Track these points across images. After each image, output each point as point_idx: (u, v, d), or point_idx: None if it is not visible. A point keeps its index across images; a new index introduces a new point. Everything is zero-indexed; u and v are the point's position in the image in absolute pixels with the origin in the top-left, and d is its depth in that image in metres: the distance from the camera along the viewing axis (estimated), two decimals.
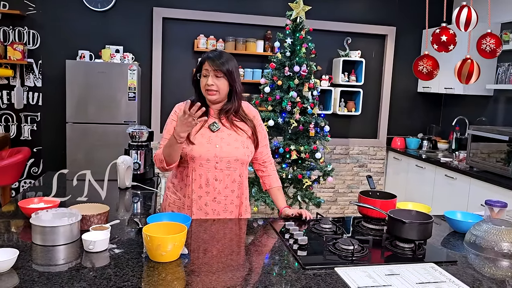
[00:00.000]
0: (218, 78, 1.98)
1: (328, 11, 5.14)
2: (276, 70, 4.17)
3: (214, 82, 1.97)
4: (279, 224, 1.98)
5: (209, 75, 1.97)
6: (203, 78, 2.00)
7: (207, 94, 2.01)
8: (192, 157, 2.00)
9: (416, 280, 1.43)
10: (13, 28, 4.54)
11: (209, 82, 1.97)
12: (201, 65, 2.01)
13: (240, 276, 1.41)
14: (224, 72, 1.97)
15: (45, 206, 1.87)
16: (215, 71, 1.97)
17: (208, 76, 1.98)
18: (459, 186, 4.17)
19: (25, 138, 4.71)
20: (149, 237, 1.45)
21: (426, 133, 5.62)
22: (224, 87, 2.00)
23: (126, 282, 1.32)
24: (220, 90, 1.99)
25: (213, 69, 1.97)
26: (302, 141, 4.17)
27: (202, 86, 2.01)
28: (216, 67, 1.96)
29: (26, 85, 4.64)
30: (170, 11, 4.78)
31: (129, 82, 4.38)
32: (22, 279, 1.31)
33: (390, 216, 1.74)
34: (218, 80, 1.98)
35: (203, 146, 1.99)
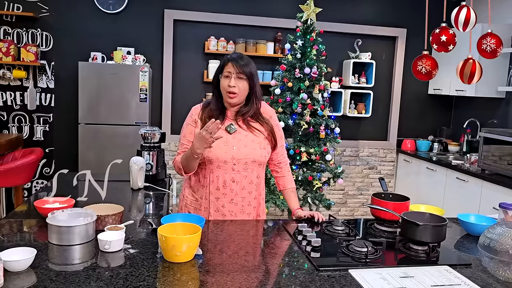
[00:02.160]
0: (240, 80, 1.99)
1: (338, 13, 5.13)
2: (286, 72, 4.18)
3: (236, 84, 1.98)
4: (291, 225, 1.98)
5: (232, 76, 1.98)
6: (224, 79, 2.01)
7: (228, 96, 2.01)
8: (209, 159, 2.01)
9: (431, 282, 1.43)
10: (27, 30, 4.60)
11: (232, 83, 1.98)
12: (223, 66, 2.01)
13: (254, 277, 1.42)
14: (246, 74, 1.99)
15: (60, 206, 1.89)
16: (238, 73, 1.98)
17: (231, 77, 1.98)
18: (470, 189, 4.14)
19: (37, 139, 4.76)
20: (164, 238, 1.46)
21: (436, 135, 5.59)
22: (245, 90, 2.02)
23: (142, 282, 1.33)
24: (240, 92, 2.00)
25: (236, 71, 1.98)
26: (312, 143, 4.17)
27: (223, 87, 2.01)
28: (240, 69, 1.97)
29: (38, 86, 4.69)
30: (181, 13, 4.80)
31: (141, 83, 4.41)
32: (39, 278, 1.33)
33: (403, 219, 1.74)
34: (240, 82, 1.99)
35: (220, 148, 2.00)
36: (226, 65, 2.00)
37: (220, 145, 2.01)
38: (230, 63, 1.99)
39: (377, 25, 5.24)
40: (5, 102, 4.64)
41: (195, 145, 1.90)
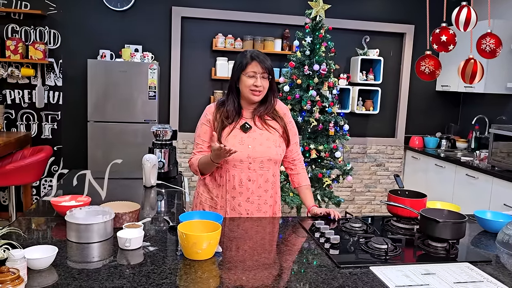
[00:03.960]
0: (264, 79, 2.00)
1: (346, 10, 5.11)
2: (295, 69, 4.16)
3: (262, 84, 1.99)
4: (307, 222, 1.98)
5: (258, 76, 1.98)
6: (249, 79, 1.99)
7: (252, 94, 2.00)
8: (225, 159, 2.01)
9: (453, 279, 1.42)
10: (35, 28, 4.60)
11: (258, 83, 1.98)
12: (247, 65, 1.99)
13: (275, 274, 1.41)
14: (270, 73, 2.00)
15: (77, 204, 1.89)
16: (264, 72, 1.98)
17: (256, 77, 1.98)
18: (480, 186, 4.12)
19: (45, 137, 4.76)
20: (185, 235, 1.46)
21: (444, 132, 5.57)
22: (267, 87, 2.03)
23: (164, 280, 1.33)
24: (264, 90, 2.01)
25: (261, 70, 1.98)
26: (321, 140, 4.15)
27: (247, 86, 2.00)
28: (265, 68, 1.98)
29: (47, 84, 4.69)
30: (188, 10, 4.79)
31: (149, 81, 4.41)
32: (61, 275, 1.33)
33: (422, 215, 1.73)
34: (264, 81, 2.00)
35: (235, 147, 1.99)
36: (249, 64, 1.99)
37: (236, 144, 2.01)
38: (255, 61, 1.98)
39: (385, 21, 5.21)
40: (13, 100, 4.65)
41: (213, 157, 1.93)
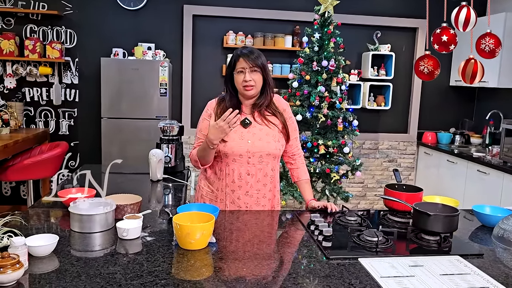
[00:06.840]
0: (254, 73, 2.03)
1: (357, 5, 5.10)
2: (304, 65, 4.19)
3: (251, 78, 2.02)
4: (305, 216, 2.02)
5: (246, 71, 2.02)
6: (238, 75, 2.04)
7: (245, 90, 2.05)
8: (225, 153, 2.06)
9: (440, 271, 1.45)
10: (52, 28, 4.74)
11: (247, 78, 2.02)
12: (235, 62, 2.05)
13: (266, 264, 1.46)
14: (259, 66, 2.03)
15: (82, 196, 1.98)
16: (251, 67, 2.02)
17: (245, 72, 2.02)
18: (491, 182, 4.08)
19: (63, 133, 4.92)
20: (179, 226, 1.52)
21: (458, 127, 5.50)
22: (260, 81, 2.06)
23: (157, 267, 1.39)
24: (257, 84, 2.05)
25: (249, 65, 2.02)
26: (330, 136, 4.17)
27: (239, 82, 2.05)
28: (252, 62, 2.01)
29: (63, 82, 4.84)
30: (200, 8, 4.86)
31: (161, 78, 4.50)
32: (62, 262, 1.41)
33: (415, 209, 1.75)
34: (254, 75, 2.03)
35: (235, 142, 2.05)
36: (237, 61, 2.04)
37: (235, 139, 2.06)
38: (242, 58, 2.03)
39: (397, 16, 5.18)
40: (32, 97, 4.81)
41: (210, 136, 1.95)
